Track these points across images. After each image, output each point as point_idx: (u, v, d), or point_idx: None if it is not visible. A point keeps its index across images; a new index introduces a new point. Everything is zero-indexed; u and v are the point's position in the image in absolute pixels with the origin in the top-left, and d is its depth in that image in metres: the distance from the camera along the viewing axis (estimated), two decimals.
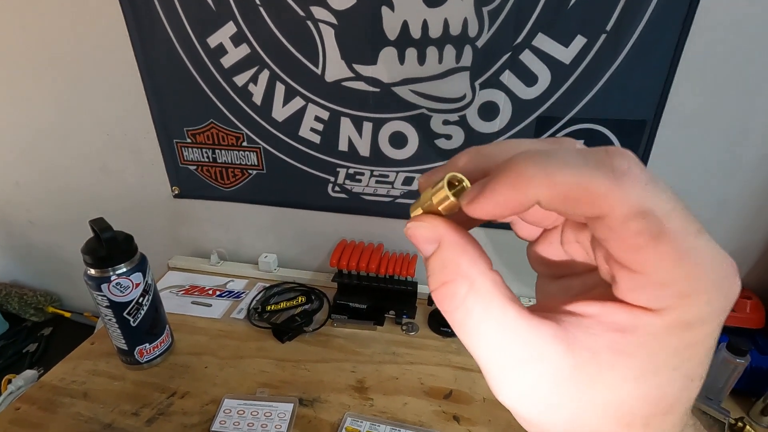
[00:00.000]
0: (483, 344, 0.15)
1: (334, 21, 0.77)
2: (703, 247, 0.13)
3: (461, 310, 0.15)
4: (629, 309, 0.14)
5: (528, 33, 0.71)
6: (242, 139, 0.93)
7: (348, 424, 0.67)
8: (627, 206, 0.13)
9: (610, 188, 0.13)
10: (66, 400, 0.71)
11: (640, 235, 0.13)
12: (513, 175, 0.14)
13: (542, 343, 0.14)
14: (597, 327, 0.14)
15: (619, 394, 0.14)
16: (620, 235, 0.13)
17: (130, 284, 0.69)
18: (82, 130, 1.05)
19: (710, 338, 0.14)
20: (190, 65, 0.87)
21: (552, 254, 0.19)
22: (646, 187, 0.13)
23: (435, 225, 0.16)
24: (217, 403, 0.70)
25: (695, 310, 0.13)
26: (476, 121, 0.80)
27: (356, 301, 0.90)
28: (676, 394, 0.14)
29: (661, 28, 0.66)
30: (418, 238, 0.16)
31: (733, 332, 0.73)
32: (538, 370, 0.14)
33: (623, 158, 0.13)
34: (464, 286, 0.15)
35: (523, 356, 0.14)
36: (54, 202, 1.20)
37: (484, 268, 0.15)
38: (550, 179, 0.13)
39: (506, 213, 0.15)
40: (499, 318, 0.15)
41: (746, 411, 0.70)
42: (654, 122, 0.73)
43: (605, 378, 0.14)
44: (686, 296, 0.13)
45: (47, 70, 0.98)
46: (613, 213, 0.13)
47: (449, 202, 0.16)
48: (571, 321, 0.15)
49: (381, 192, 0.92)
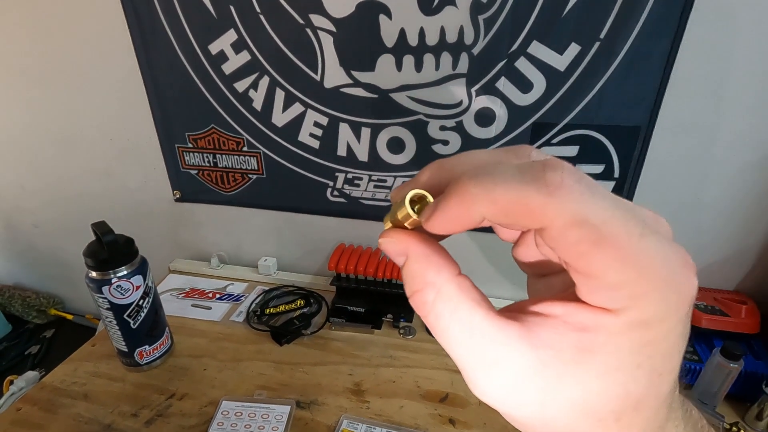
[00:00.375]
0: (455, 346, 0.16)
1: (332, 29, 0.78)
2: (648, 248, 0.13)
3: (432, 315, 0.16)
4: (590, 309, 0.15)
5: (523, 41, 0.72)
6: (243, 144, 0.94)
7: (344, 426, 0.68)
8: (563, 217, 0.13)
9: (544, 201, 0.13)
10: (66, 401, 0.72)
11: (580, 243, 0.13)
12: (459, 194, 0.15)
13: (507, 342, 0.15)
14: (562, 326, 0.15)
15: (585, 391, 0.15)
16: (562, 244, 0.14)
17: (130, 287, 0.70)
18: (86, 136, 1.06)
19: (671, 334, 0.14)
20: (191, 71, 0.89)
21: (531, 256, 0.20)
22: (580, 197, 0.13)
23: (401, 239, 0.17)
24: (215, 405, 0.71)
25: (650, 309, 0.14)
26: (473, 127, 0.81)
27: (354, 304, 0.91)
28: (642, 390, 0.15)
29: (653, 36, 0.67)
30: (389, 252, 0.18)
31: (728, 337, 0.73)
32: (505, 369, 0.15)
33: (556, 171, 0.14)
34: (432, 293, 0.16)
35: (491, 356, 0.15)
36: (58, 206, 1.21)
37: (449, 275, 0.16)
38: (491, 196, 0.14)
39: (459, 229, 0.16)
40: (465, 320, 0.16)
41: (741, 416, 0.71)
42: (648, 128, 0.74)
43: (570, 375, 0.15)
44: (639, 296, 0.14)
45: (52, 77, 1.00)
46: (552, 224, 0.14)
47: (411, 219, 0.17)
48: (536, 321, 0.15)
49: (379, 196, 0.93)
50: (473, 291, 0.16)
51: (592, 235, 0.13)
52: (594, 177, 0.81)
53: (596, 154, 0.78)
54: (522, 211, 0.14)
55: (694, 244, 0.83)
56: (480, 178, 0.15)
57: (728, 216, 0.79)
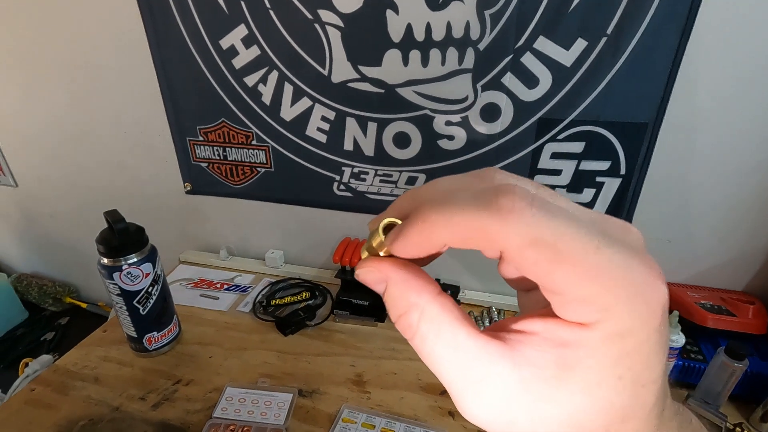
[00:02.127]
0: (441, 365, 0.16)
1: (340, 24, 0.79)
2: (606, 260, 0.14)
3: (418, 336, 0.16)
4: (568, 325, 0.15)
5: (529, 36, 0.72)
6: (252, 138, 0.96)
7: (345, 415, 0.69)
8: (517, 240, 0.14)
9: (499, 226, 0.14)
10: (78, 383, 0.75)
11: (537, 263, 0.14)
12: (419, 221, 0.16)
13: (490, 361, 0.15)
14: (542, 343, 0.15)
15: (570, 406, 0.15)
16: (523, 265, 0.14)
17: (140, 274, 0.72)
18: (100, 129, 1.09)
19: (647, 344, 0.14)
20: (203, 66, 0.91)
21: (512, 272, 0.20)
22: (532, 219, 0.14)
23: (379, 267, 0.18)
24: (219, 391, 0.72)
25: (621, 321, 0.14)
26: (478, 122, 0.81)
27: (358, 297, 0.92)
28: (627, 402, 0.15)
29: (661, 32, 0.67)
30: (368, 282, 0.18)
31: (734, 337, 0.72)
32: (490, 388, 0.15)
33: (507, 196, 0.14)
34: (415, 315, 0.16)
35: (477, 374, 0.15)
36: (73, 197, 1.25)
37: (430, 296, 0.17)
38: (449, 222, 0.15)
39: (423, 253, 0.16)
40: (449, 340, 0.16)
41: (746, 417, 0.70)
42: (655, 125, 0.73)
43: (554, 392, 0.15)
44: (608, 309, 0.14)
45: (68, 72, 1.03)
46: (509, 247, 0.14)
47: (386, 248, 0.17)
48: (518, 339, 0.16)
49: (385, 191, 0.94)
50: (455, 310, 0.16)
51: (548, 253, 0.14)
52: (600, 174, 0.80)
53: (602, 150, 0.77)
54: (479, 236, 0.14)
55: (702, 243, 0.82)
56: (439, 205, 0.15)
57: (737, 215, 0.78)
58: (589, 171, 0.80)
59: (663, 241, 0.83)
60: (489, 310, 0.91)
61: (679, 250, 0.83)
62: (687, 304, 0.78)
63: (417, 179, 0.91)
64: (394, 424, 0.67)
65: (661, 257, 0.85)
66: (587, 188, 0.81)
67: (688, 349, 0.76)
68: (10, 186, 1.30)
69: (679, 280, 0.86)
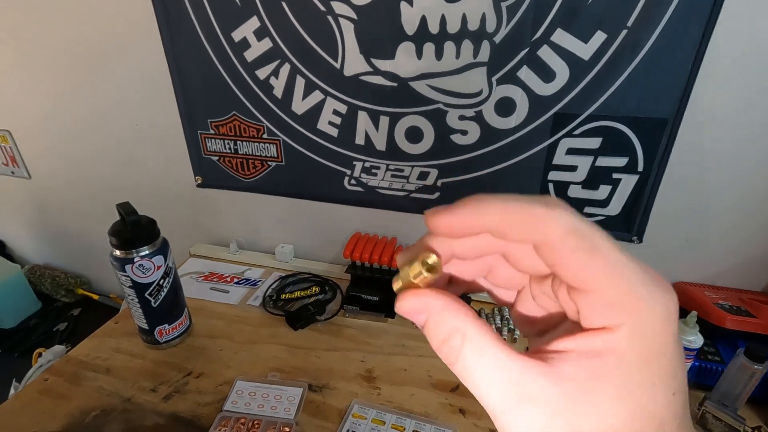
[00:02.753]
0: (485, 387, 0.16)
1: (353, 16, 0.78)
2: (629, 260, 0.15)
3: (461, 360, 0.17)
4: (596, 333, 0.16)
5: (546, 28, 0.70)
6: (263, 132, 0.96)
7: (355, 410, 0.68)
8: (561, 226, 0.16)
9: (546, 213, 0.16)
10: (90, 374, 0.75)
11: (577, 249, 0.15)
12: (474, 200, 0.17)
13: (532, 379, 0.16)
14: (578, 358, 0.16)
15: (607, 416, 0.15)
16: (562, 253, 0.16)
17: (152, 266, 0.72)
18: (113, 122, 1.10)
19: (668, 348, 0.15)
20: (215, 59, 0.90)
21: (529, 311, 0.21)
22: (574, 214, 0.16)
23: (419, 296, 0.18)
24: (229, 385, 0.72)
25: (642, 321, 0.15)
26: (492, 116, 0.80)
27: (368, 293, 0.92)
28: (660, 411, 0.15)
29: (684, 24, 0.65)
30: (410, 313, 0.18)
31: (753, 338, 0.70)
32: (534, 406, 0.16)
33: (555, 199, 0.17)
34: (458, 338, 0.17)
35: (519, 394, 0.16)
36: (86, 189, 1.26)
37: (470, 319, 0.17)
38: (504, 205, 0.17)
39: (464, 232, 0.18)
40: (491, 361, 0.16)
41: (765, 421, 0.68)
42: (675, 121, 0.71)
43: (592, 403, 0.15)
44: (630, 310, 0.15)
45: (81, 64, 1.04)
46: (553, 233, 0.16)
47: (422, 277, 0.18)
48: (555, 357, 0.16)
49: (396, 186, 0.93)
50: (492, 332, 0.17)
51: (586, 242, 0.15)
52: (617, 170, 0.79)
53: (620, 146, 0.76)
54: (527, 219, 0.16)
55: (720, 242, 0.80)
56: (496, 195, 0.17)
57: (757, 214, 0.76)
58: (605, 167, 0.78)
59: (681, 240, 0.81)
60: (500, 308, 0.90)
61: (697, 249, 0.81)
62: (705, 304, 0.76)
63: (429, 174, 0.90)
64: (405, 421, 0.67)
65: (679, 256, 0.83)
66: (603, 185, 0.80)
67: (705, 350, 0.74)
68: (24, 178, 1.32)
69: (697, 279, 0.84)
